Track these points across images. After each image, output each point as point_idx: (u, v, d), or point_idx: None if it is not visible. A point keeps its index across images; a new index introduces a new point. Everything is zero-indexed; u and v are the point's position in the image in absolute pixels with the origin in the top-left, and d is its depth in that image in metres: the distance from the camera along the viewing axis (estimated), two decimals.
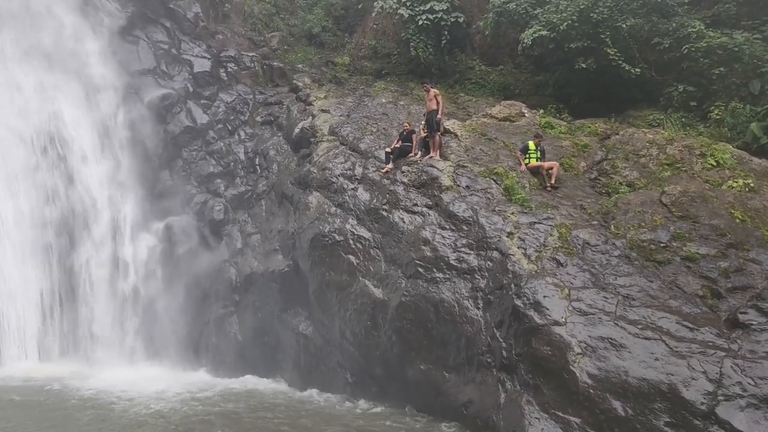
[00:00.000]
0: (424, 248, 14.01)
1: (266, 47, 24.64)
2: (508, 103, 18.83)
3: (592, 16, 17.69)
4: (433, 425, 12.55)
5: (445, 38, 21.24)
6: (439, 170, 15.44)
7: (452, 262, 13.54)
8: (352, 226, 15.70)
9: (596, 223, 13.55)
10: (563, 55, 18.66)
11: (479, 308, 12.79)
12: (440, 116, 16.30)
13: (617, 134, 16.51)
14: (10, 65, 20.49)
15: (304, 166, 18.68)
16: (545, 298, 11.62)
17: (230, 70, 23.09)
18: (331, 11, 26.25)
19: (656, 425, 9.50)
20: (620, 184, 14.79)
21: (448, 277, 13.41)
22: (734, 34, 17.19)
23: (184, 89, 21.99)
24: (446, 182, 15.09)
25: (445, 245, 13.87)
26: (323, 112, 20.15)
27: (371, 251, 15.16)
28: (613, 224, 13.28)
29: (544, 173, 15.12)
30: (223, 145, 21.36)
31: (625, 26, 17.73)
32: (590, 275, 12.10)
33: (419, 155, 16.38)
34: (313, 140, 19.16)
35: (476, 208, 14.23)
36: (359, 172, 16.90)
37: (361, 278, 14.87)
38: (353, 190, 16.50)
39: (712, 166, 14.57)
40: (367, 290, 14.58)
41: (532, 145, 15.54)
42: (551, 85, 20.32)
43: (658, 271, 11.96)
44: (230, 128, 21.78)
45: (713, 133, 16.38)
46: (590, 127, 17.37)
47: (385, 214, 15.35)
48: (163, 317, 19.25)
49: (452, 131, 16.94)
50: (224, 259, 19.15)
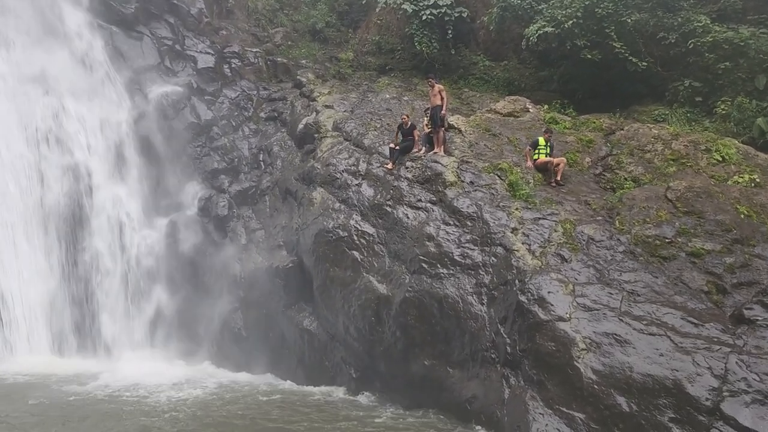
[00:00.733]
0: (428, 244, 14.00)
1: (270, 43, 24.61)
2: (512, 98, 18.77)
3: (597, 11, 17.61)
4: (437, 421, 12.57)
5: (449, 33, 21.17)
6: (443, 166, 15.42)
7: (456, 257, 13.53)
8: (356, 221, 15.70)
9: (601, 218, 13.52)
10: (567, 50, 18.59)
11: (483, 304, 12.79)
12: (444, 112, 16.27)
13: (622, 129, 16.44)
14: (13, 60, 20.49)
15: (308, 162, 18.68)
16: (549, 293, 11.61)
17: (234, 66, 23.08)
18: (334, 7, 26.20)
19: (661, 421, 9.49)
20: (625, 179, 14.75)
21: (452, 272, 13.40)
22: (740, 28, 17.10)
23: (188, 85, 21.99)
24: (450, 178, 15.06)
25: (449, 241, 13.86)
26: (327, 107, 20.13)
27: (375, 247, 15.16)
28: (617, 220, 13.25)
29: (552, 168, 15.00)
30: (227, 141, 21.37)
31: (630, 21, 17.64)
32: (595, 271, 12.08)
33: (423, 151, 16.36)
34: (317, 136, 19.15)
35: (480, 203, 14.21)
36: (363, 167, 16.90)
37: (365, 274, 14.87)
38: (357, 185, 16.50)
39: (717, 161, 14.52)
40: (371, 286, 14.59)
41: (542, 140, 15.31)
42: (556, 80, 20.25)
43: (663, 266, 11.94)
44: (234, 124, 21.78)
45: (719, 128, 16.30)
46: (595, 122, 17.32)
47: (389, 209, 15.34)
48: (168, 313, 19.29)
49: (456, 127, 16.92)
50: (229, 255, 19.17)
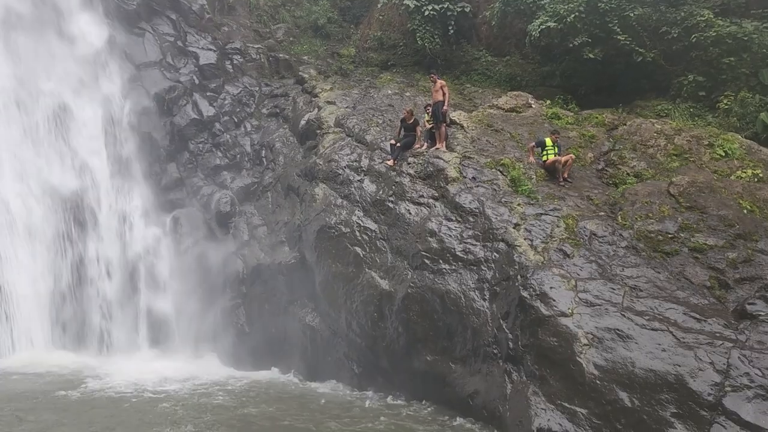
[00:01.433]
0: (430, 240, 14.00)
1: (272, 39, 24.60)
2: (514, 93, 18.75)
3: (599, 5, 17.55)
4: (439, 416, 12.58)
5: (451, 29, 21.12)
6: (445, 161, 15.40)
7: (458, 253, 13.53)
8: (358, 217, 15.70)
9: (603, 214, 13.49)
10: (571, 45, 18.53)
11: (485, 299, 12.79)
12: (446, 107, 16.25)
13: (625, 125, 16.40)
14: (16, 54, 20.50)
15: (310, 158, 18.68)
16: (552, 289, 11.61)
17: (236, 62, 23.09)
18: (336, 2, 26.19)
19: (663, 416, 9.50)
20: (627, 174, 14.71)
21: (454, 268, 13.40)
22: (744, 23, 17.04)
23: (190, 81, 22.01)
24: (452, 174, 15.05)
25: (451, 237, 13.86)
26: (329, 103, 20.13)
27: (377, 243, 15.16)
28: (620, 215, 13.23)
29: (559, 167, 14.77)
30: (229, 137, 21.38)
31: (633, 15, 17.59)
32: (597, 266, 12.07)
33: (425, 146, 16.35)
34: (319, 132, 19.15)
35: (482, 199, 14.20)
36: (365, 163, 16.89)
37: (367, 270, 14.88)
38: (359, 181, 16.50)
39: (720, 156, 14.48)
40: (373, 282, 14.60)
41: (549, 141, 15.09)
42: (558, 75, 20.19)
43: (665, 262, 11.92)
44: (236, 120, 21.80)
45: (722, 123, 16.25)
46: (597, 117, 17.26)
47: (391, 205, 15.34)
48: (170, 309, 19.32)
49: (458, 122, 16.89)
50: (231, 251, 19.20)
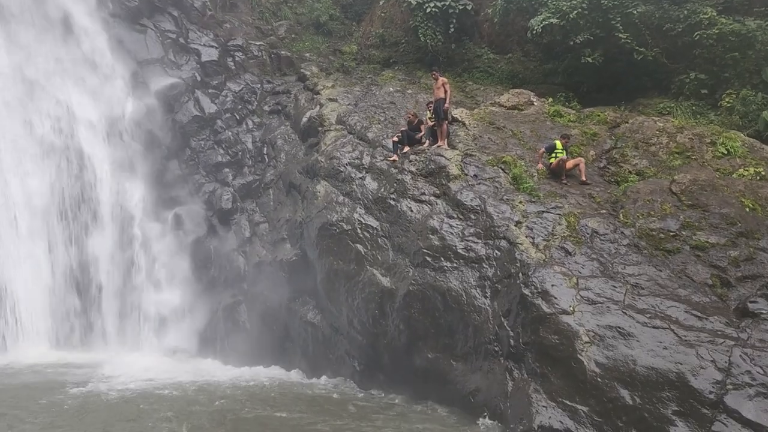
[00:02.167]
0: (431, 237, 14.00)
1: (274, 36, 24.59)
2: (516, 91, 18.71)
3: (602, 2, 17.50)
4: (440, 413, 12.59)
5: (453, 26, 21.07)
6: (446, 159, 15.39)
7: (460, 251, 13.52)
8: (359, 215, 15.70)
9: (605, 212, 13.48)
10: (573, 43, 18.49)
11: (487, 297, 12.79)
12: (448, 105, 16.23)
13: (627, 123, 16.37)
14: (18, 52, 20.51)
15: (311, 155, 18.68)
16: (553, 287, 11.59)
17: (238, 59, 23.08)
18: None
19: (664, 414, 9.49)
20: (629, 172, 14.69)
21: (455, 266, 13.39)
22: (746, 20, 16.99)
23: (191, 78, 22.01)
24: (454, 171, 15.04)
25: (452, 234, 13.85)
26: (331, 101, 20.12)
27: (379, 240, 15.16)
28: (622, 213, 13.21)
29: (564, 169, 14.59)
30: (231, 134, 21.39)
31: (636, 13, 17.54)
32: (599, 264, 12.06)
33: (427, 144, 16.34)
34: (320, 129, 19.15)
35: (484, 197, 14.19)
36: (367, 161, 16.88)
37: (368, 267, 14.88)
38: (361, 179, 16.49)
39: (722, 154, 14.45)
40: (374, 279, 14.60)
41: (559, 144, 14.88)
42: (560, 73, 20.16)
43: (667, 260, 11.90)
44: (238, 117, 21.80)
45: (724, 121, 16.22)
46: (599, 115, 17.23)
47: (392, 203, 15.33)
48: (172, 305, 19.36)
49: (460, 120, 16.87)
50: (233, 248, 19.23)
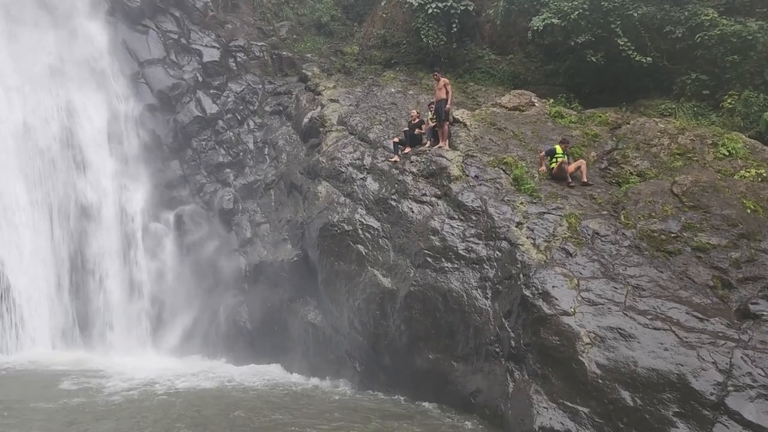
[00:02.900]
0: (432, 238, 14.00)
1: (275, 37, 24.61)
2: (517, 92, 18.72)
3: (603, 4, 17.51)
4: (441, 414, 12.59)
5: (454, 27, 21.09)
6: (447, 160, 15.39)
7: (461, 251, 13.52)
8: (360, 215, 15.70)
9: (606, 213, 13.47)
10: (574, 44, 18.50)
11: (488, 298, 12.79)
12: (449, 105, 16.24)
13: (628, 124, 16.37)
14: (20, 52, 20.54)
15: (313, 155, 18.69)
16: (554, 288, 11.59)
17: (239, 59, 23.11)
18: (340, 0, 26.14)
19: (665, 415, 9.48)
20: (631, 173, 14.69)
21: (456, 266, 13.39)
22: (748, 22, 16.99)
23: (193, 79, 22.04)
24: (455, 172, 15.04)
25: (453, 235, 13.85)
26: (332, 101, 20.13)
27: (380, 241, 15.16)
28: (623, 214, 13.21)
29: (567, 173, 14.56)
30: (232, 134, 21.41)
31: (636, 15, 17.55)
32: (600, 265, 12.05)
33: (428, 144, 16.35)
34: (322, 130, 19.15)
35: (485, 197, 14.19)
36: (368, 161, 16.88)
37: (369, 268, 14.89)
38: (362, 179, 16.50)
39: (724, 155, 14.45)
40: (375, 280, 14.61)
41: (559, 149, 14.84)
42: (561, 74, 20.17)
43: (668, 261, 11.90)
44: (239, 118, 21.82)
45: (726, 122, 16.22)
46: (601, 116, 17.23)
47: (393, 203, 15.34)
48: (173, 305, 19.38)
49: (461, 121, 16.88)
50: (234, 248, 19.24)
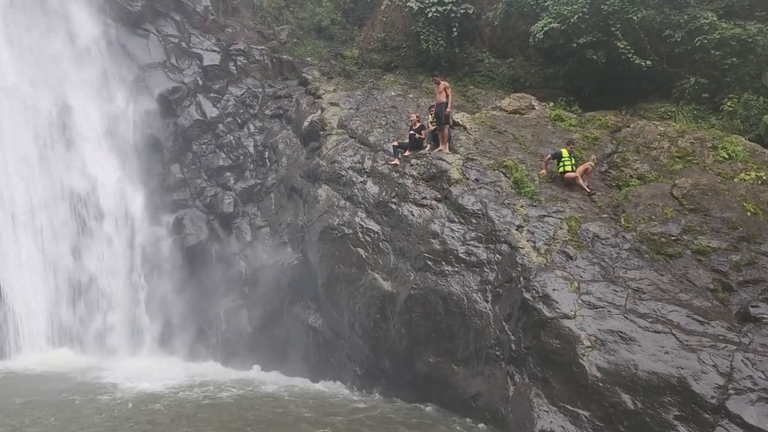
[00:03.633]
0: (433, 241, 14.00)
1: (275, 40, 24.63)
2: (517, 95, 18.73)
3: (603, 7, 17.53)
4: (442, 418, 12.58)
5: (454, 31, 21.09)
6: (448, 163, 15.41)
7: (461, 255, 13.53)
8: (361, 219, 15.71)
9: (606, 216, 13.49)
10: (573, 47, 18.52)
11: (488, 301, 12.79)
12: (449, 109, 16.25)
13: (628, 127, 16.40)
14: (20, 55, 20.57)
15: (313, 159, 18.71)
16: (554, 291, 11.59)
17: (240, 63, 23.13)
18: (340, 4, 26.20)
19: (666, 419, 9.47)
20: (631, 177, 14.71)
21: (457, 270, 13.39)
22: (747, 25, 17.00)
23: (193, 83, 22.05)
24: (455, 175, 15.05)
25: (454, 238, 13.85)
26: (332, 105, 20.14)
27: (380, 244, 15.17)
28: (623, 217, 13.22)
29: (581, 183, 14.49)
30: (232, 138, 21.41)
31: (636, 18, 17.56)
32: (600, 268, 12.06)
33: (428, 148, 16.37)
34: (322, 133, 19.17)
35: (485, 201, 14.20)
36: (368, 165, 16.90)
37: (370, 271, 14.88)
38: (362, 183, 16.51)
39: (724, 158, 14.47)
40: (376, 283, 14.61)
41: (565, 152, 14.79)
42: (561, 77, 20.18)
43: (668, 264, 11.90)
44: (240, 121, 21.83)
45: (725, 125, 16.22)
46: (601, 119, 17.26)
47: (394, 207, 15.35)
48: (173, 309, 19.36)
49: (461, 124, 16.90)
50: (234, 252, 19.23)
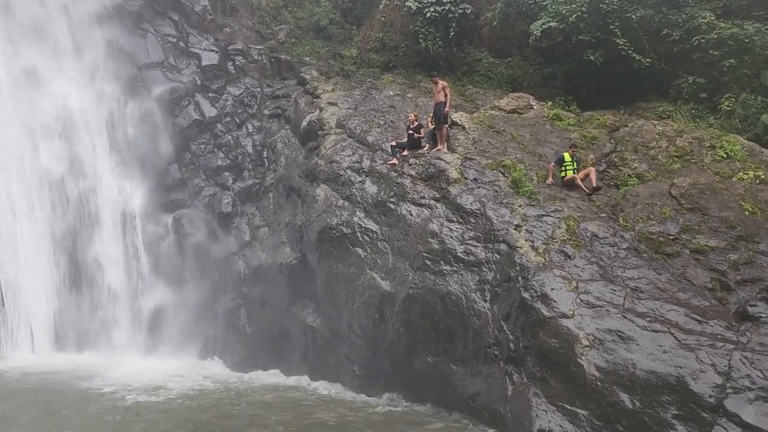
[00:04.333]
0: (431, 241, 14.00)
1: (274, 40, 24.63)
2: (516, 95, 18.72)
3: (601, 6, 17.52)
4: (440, 417, 12.58)
5: (453, 30, 21.08)
6: (446, 163, 15.40)
7: (460, 254, 13.52)
8: (359, 218, 15.70)
9: (605, 215, 13.49)
10: (572, 46, 18.51)
11: (486, 301, 12.79)
12: (448, 109, 16.25)
13: (626, 126, 16.39)
14: (19, 56, 20.56)
15: (311, 158, 18.70)
16: (553, 290, 11.59)
17: (238, 63, 23.14)
18: (338, 3, 26.18)
19: (664, 418, 9.48)
20: (629, 176, 14.70)
21: (455, 269, 13.39)
22: (745, 24, 17.00)
23: (192, 82, 22.07)
24: (454, 175, 15.05)
25: (452, 238, 13.85)
26: (331, 104, 20.14)
27: (379, 244, 15.17)
28: (621, 217, 13.22)
29: (579, 183, 14.55)
30: (231, 138, 21.43)
31: (635, 17, 17.55)
32: (598, 268, 12.06)
33: (426, 147, 16.37)
34: (320, 133, 19.16)
35: (484, 200, 14.20)
36: (367, 164, 16.90)
37: (368, 271, 14.88)
38: (361, 182, 16.50)
39: (722, 158, 14.46)
40: (374, 283, 14.61)
41: (567, 156, 14.79)
42: (560, 77, 20.15)
43: (666, 263, 11.91)
44: (238, 121, 21.84)
45: (723, 124, 16.22)
46: (599, 119, 17.26)
47: (392, 206, 15.34)
48: (173, 309, 19.39)
49: (460, 124, 16.89)
50: (233, 251, 19.25)
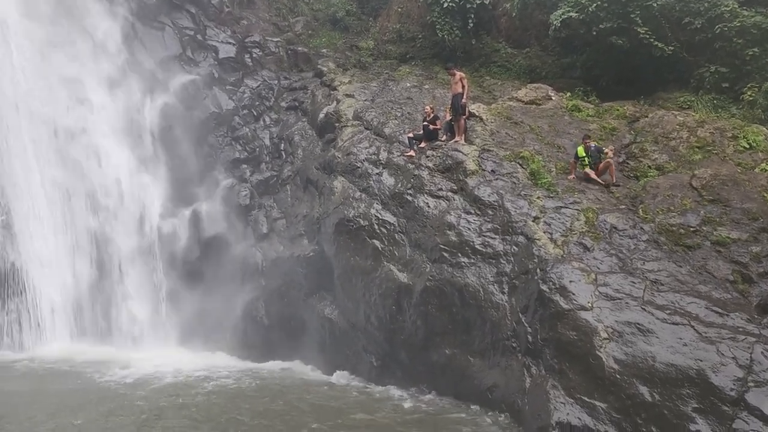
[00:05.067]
0: (449, 233, 13.98)
1: (291, 32, 24.62)
2: (534, 86, 18.59)
3: None
4: (457, 409, 12.60)
5: (470, 21, 20.93)
6: (464, 154, 15.35)
7: (477, 246, 13.50)
8: (376, 210, 15.72)
9: (624, 207, 13.38)
10: (592, 36, 18.28)
11: (504, 293, 12.76)
12: (465, 100, 16.17)
13: (646, 117, 16.22)
14: (37, 50, 20.75)
15: (328, 151, 18.72)
16: (571, 282, 11.54)
17: (255, 55, 23.16)
18: None
19: (684, 411, 9.41)
20: (649, 167, 14.56)
21: (473, 261, 13.37)
22: None
23: (209, 75, 22.15)
24: (471, 166, 14.99)
25: (470, 230, 13.82)
26: (348, 96, 20.11)
27: (396, 236, 15.17)
28: (641, 208, 13.10)
29: (595, 178, 14.38)
30: (248, 130, 21.49)
31: (656, 5, 17.29)
32: (617, 260, 11.98)
33: (444, 139, 16.32)
34: (337, 125, 19.16)
35: (501, 192, 14.14)
36: (384, 156, 16.88)
37: (385, 263, 14.91)
38: (378, 174, 16.50)
39: (744, 148, 14.28)
40: (391, 275, 14.63)
41: (581, 151, 14.60)
42: (579, 67, 19.95)
43: (687, 255, 11.79)
44: (255, 114, 21.89)
45: (746, 115, 15.98)
46: (619, 109, 17.08)
47: (409, 198, 15.33)
48: (191, 301, 19.53)
49: (477, 115, 16.81)
50: (250, 244, 19.35)
